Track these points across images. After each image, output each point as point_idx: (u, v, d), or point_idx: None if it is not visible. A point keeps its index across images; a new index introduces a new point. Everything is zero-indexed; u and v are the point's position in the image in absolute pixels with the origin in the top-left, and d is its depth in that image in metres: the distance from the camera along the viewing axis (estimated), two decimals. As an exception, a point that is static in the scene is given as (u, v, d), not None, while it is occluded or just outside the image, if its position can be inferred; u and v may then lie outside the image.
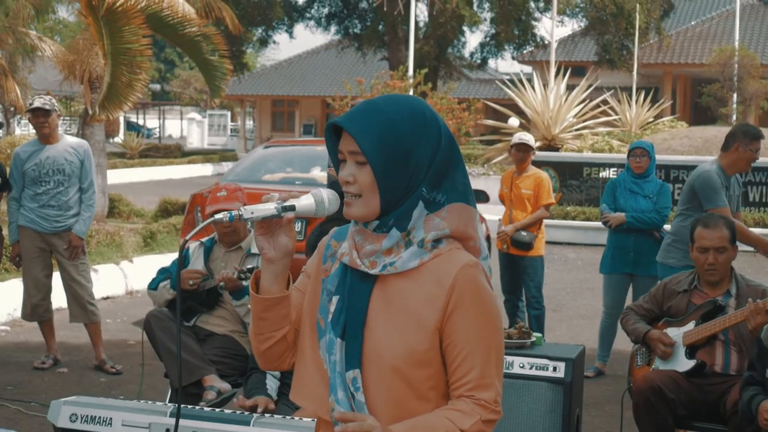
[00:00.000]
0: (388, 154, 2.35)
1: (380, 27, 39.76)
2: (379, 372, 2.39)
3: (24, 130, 32.50)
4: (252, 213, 2.34)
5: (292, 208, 2.37)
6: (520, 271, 9.16)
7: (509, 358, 5.66)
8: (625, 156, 9.19)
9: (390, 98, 2.44)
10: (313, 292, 2.54)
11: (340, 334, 2.41)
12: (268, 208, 2.36)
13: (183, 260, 6.52)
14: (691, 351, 5.79)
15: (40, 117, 8.10)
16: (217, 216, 2.33)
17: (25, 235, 8.24)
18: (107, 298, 11.44)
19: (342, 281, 2.46)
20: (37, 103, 8.11)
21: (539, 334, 6.02)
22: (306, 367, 2.52)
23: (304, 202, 2.39)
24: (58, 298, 8.66)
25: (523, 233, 9.00)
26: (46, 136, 8.18)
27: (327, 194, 2.41)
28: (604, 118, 24.38)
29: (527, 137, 9.12)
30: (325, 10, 41.96)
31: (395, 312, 2.40)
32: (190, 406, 4.36)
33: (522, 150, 9.05)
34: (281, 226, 2.42)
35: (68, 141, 8.36)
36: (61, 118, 7.67)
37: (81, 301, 8.31)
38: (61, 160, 8.16)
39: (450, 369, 2.41)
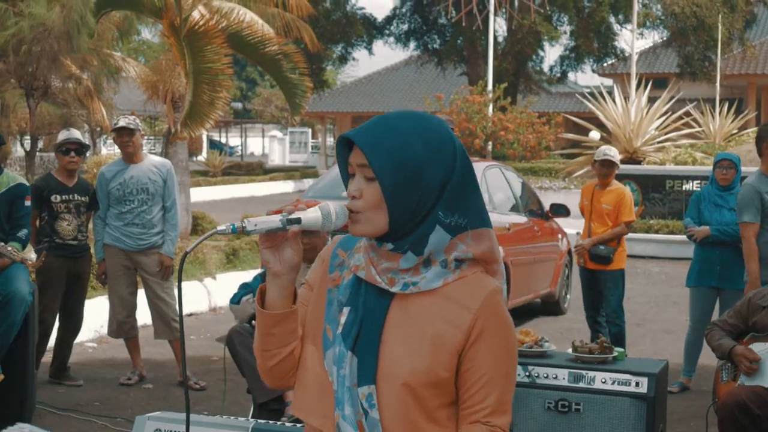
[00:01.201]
0: (398, 170, 2.26)
1: (459, 42, 39.80)
2: (392, 389, 2.30)
3: (110, 149, 33.04)
4: (255, 225, 2.25)
5: (298, 221, 2.28)
6: (600, 286, 9.09)
7: (591, 373, 5.61)
8: (708, 168, 9.08)
9: (405, 115, 2.36)
10: (317, 302, 2.45)
11: (351, 347, 2.33)
12: (273, 220, 2.27)
13: (263, 278, 6.58)
14: (778, 366, 5.70)
15: (124, 136, 8.25)
16: (219, 228, 2.25)
17: (111, 253, 8.38)
18: (191, 314, 11.58)
19: (355, 293, 2.37)
20: (122, 123, 8.26)
21: (621, 349, 5.95)
22: (308, 380, 2.43)
23: (311, 215, 2.29)
24: (143, 315, 8.79)
25: (601, 247, 8.92)
26: (130, 155, 8.32)
27: (335, 208, 2.31)
28: (686, 130, 24.05)
29: (612, 152, 9.00)
30: (404, 27, 42.13)
31: (414, 330, 2.32)
32: (271, 422, 4.40)
33: (606, 166, 8.95)
34: (287, 240, 2.33)
35: (152, 160, 8.49)
36: (146, 137, 7.77)
37: (165, 318, 8.42)
38: (144, 180, 8.29)
39: (467, 392, 2.33)
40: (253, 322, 6.40)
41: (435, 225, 2.30)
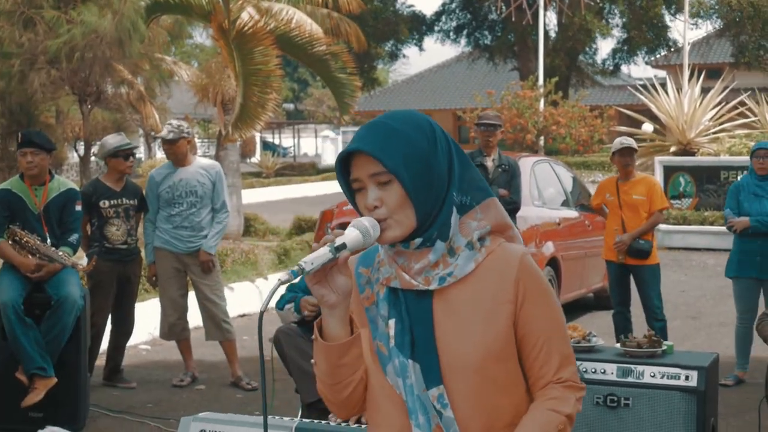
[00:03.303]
0: (412, 164, 2.33)
1: (510, 37, 39.65)
2: (463, 380, 2.36)
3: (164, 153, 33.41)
4: (312, 264, 2.25)
5: (344, 246, 2.28)
6: (638, 282, 8.86)
7: (640, 368, 5.56)
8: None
9: (392, 114, 2.44)
10: (360, 324, 2.46)
11: (409, 355, 2.37)
12: (324, 253, 2.27)
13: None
14: (831, 357, 5.62)
15: (165, 144, 8.35)
16: (282, 278, 2.23)
17: (161, 256, 8.44)
18: (243, 315, 11.64)
19: (394, 304, 2.40)
20: (162, 133, 8.36)
21: (670, 343, 5.90)
22: (376, 398, 2.46)
23: (352, 235, 2.30)
24: (194, 316, 8.85)
25: (641, 241, 8.69)
26: (175, 161, 8.40)
27: (368, 222, 2.32)
28: (741, 121, 23.74)
29: (629, 140, 8.77)
30: (454, 23, 42.07)
31: (464, 317, 2.38)
32: (316, 421, 4.42)
33: (627, 154, 8.72)
34: (337, 267, 2.32)
35: (200, 163, 8.54)
36: (199, 140, 7.86)
37: (216, 320, 8.46)
38: (193, 182, 8.34)
39: (531, 356, 2.41)
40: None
41: (452, 207, 2.38)
